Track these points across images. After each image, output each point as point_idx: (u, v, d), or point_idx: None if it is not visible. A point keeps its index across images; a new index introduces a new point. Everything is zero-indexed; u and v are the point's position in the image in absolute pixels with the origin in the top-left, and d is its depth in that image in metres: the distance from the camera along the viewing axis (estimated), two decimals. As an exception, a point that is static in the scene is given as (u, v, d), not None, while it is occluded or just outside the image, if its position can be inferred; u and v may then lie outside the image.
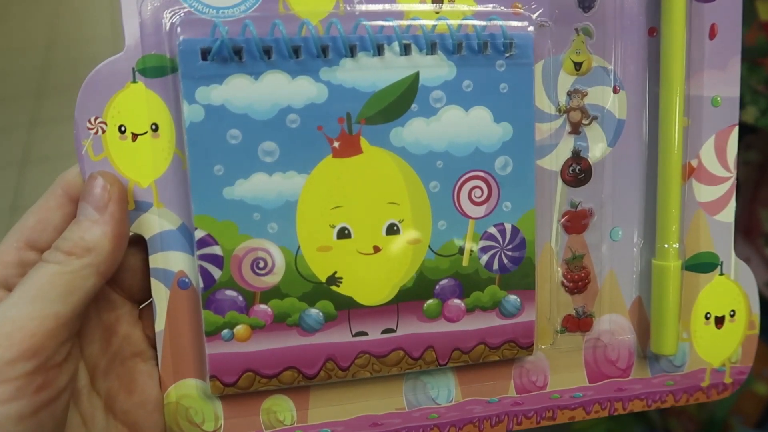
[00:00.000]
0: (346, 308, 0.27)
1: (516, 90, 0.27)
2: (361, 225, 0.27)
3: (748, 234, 0.63)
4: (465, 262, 0.28)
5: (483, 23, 0.27)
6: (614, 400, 0.32)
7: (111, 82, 0.25)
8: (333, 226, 0.27)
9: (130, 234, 0.26)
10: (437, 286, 0.28)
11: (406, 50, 0.26)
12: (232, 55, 0.25)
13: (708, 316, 0.32)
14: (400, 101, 0.27)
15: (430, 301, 0.28)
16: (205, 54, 0.25)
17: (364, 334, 0.28)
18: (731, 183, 0.31)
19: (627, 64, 0.29)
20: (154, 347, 0.27)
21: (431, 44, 0.27)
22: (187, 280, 0.26)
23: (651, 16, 0.29)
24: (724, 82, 0.30)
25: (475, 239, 0.28)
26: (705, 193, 0.31)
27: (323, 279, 0.27)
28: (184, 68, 0.25)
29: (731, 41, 0.30)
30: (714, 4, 0.30)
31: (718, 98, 0.30)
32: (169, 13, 0.25)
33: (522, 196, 0.28)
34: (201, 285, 0.26)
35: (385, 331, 0.28)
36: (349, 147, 0.26)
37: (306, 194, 0.26)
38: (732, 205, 0.31)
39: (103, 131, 0.25)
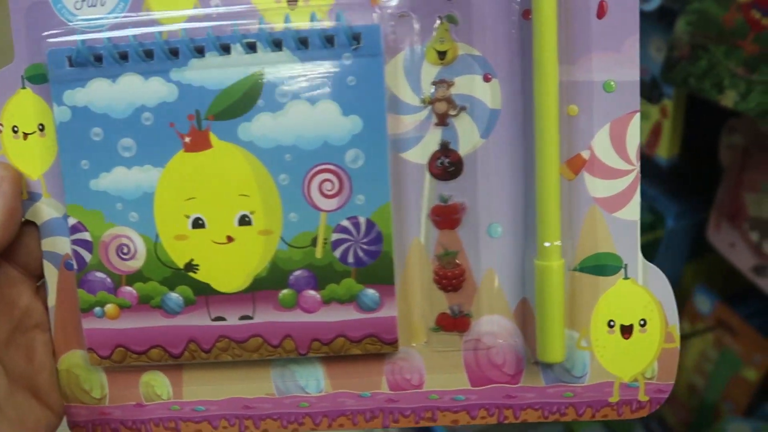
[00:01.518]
0: (204, 294, 0.26)
1: (365, 83, 0.24)
2: (213, 216, 0.25)
3: (733, 219, 0.57)
4: (319, 255, 0.25)
5: (327, 22, 0.24)
6: (503, 407, 0.27)
7: (5, 89, 0.26)
8: (188, 216, 0.25)
9: (27, 219, 0.26)
10: (291, 277, 0.25)
11: (251, 48, 0.24)
12: (91, 60, 0.25)
13: (612, 324, 0.26)
14: (246, 97, 0.25)
15: (284, 291, 0.25)
16: (71, 60, 0.25)
17: (223, 319, 0.26)
18: (634, 176, 0.25)
19: (499, 51, 0.25)
20: None
21: (276, 41, 0.24)
22: (71, 262, 0.26)
23: (523, -2, 0.24)
24: (619, 65, 0.24)
25: (327, 232, 0.25)
26: (600, 187, 0.25)
27: (181, 265, 0.26)
28: (52, 74, 0.25)
29: (626, 19, 0.24)
30: (602, -22, 0.24)
31: (612, 83, 0.24)
32: (47, 26, 0.25)
33: (376, 189, 0.25)
34: (75, 267, 0.26)
35: (242, 318, 0.26)
36: (199, 142, 0.25)
37: (162, 186, 0.25)
38: (636, 200, 0.25)
39: (1, 131, 0.26)
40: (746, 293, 0.61)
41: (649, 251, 0.62)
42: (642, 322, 0.26)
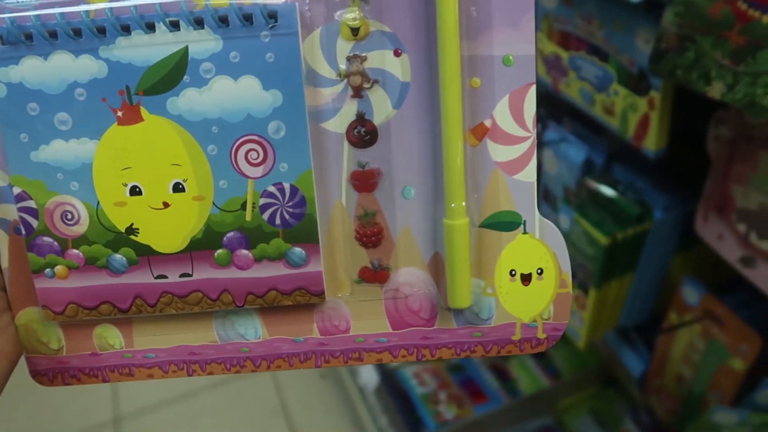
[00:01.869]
0: (146, 255, 0.28)
1: (282, 59, 0.25)
2: (149, 184, 0.27)
3: (721, 210, 0.56)
4: (248, 217, 0.27)
5: (244, 1, 0.25)
6: (421, 347, 0.29)
7: (-58, 66, 0.26)
8: (125, 185, 0.27)
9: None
10: (224, 238, 0.27)
11: (174, 27, 0.25)
12: (22, 39, 0.25)
13: (513, 272, 0.28)
14: (172, 74, 0.26)
15: (219, 251, 0.27)
16: (1, 39, 0.25)
17: (165, 277, 0.28)
18: (531, 142, 0.27)
19: (408, 28, 0.26)
20: None
21: (197, 20, 0.25)
22: (20, 227, 0.28)
23: (428, -23, 0.25)
24: (517, 40, 0.26)
25: (255, 197, 0.27)
26: (501, 152, 0.27)
27: (122, 229, 0.27)
28: (-15, 52, 0.25)
29: (523, -3, 0.25)
30: (501, -42, 0.25)
31: (510, 57, 0.26)
32: (-22, 5, 0.26)
33: (298, 157, 0.26)
34: (24, 232, 0.27)
35: (182, 275, 0.28)
36: (131, 116, 0.26)
37: (99, 157, 0.26)
38: (533, 164, 0.27)
39: (-59, 107, 0.27)
40: (734, 284, 0.60)
41: (637, 243, 0.62)
42: (539, 271, 0.29)
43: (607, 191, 0.65)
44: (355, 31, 0.27)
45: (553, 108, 0.74)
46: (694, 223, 0.58)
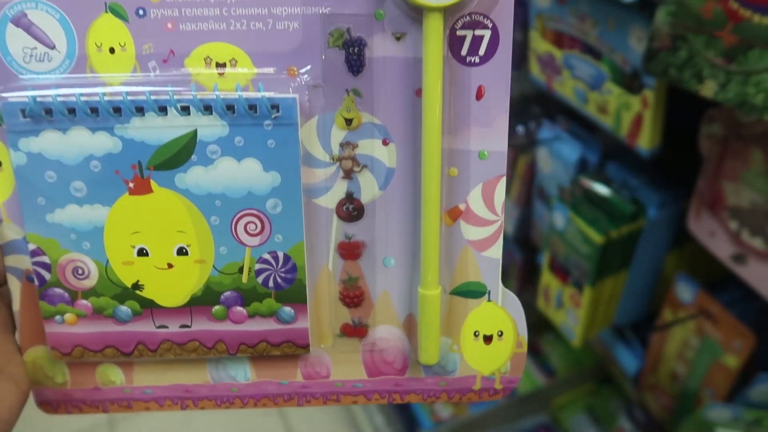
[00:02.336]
0: (149, 307, 0.31)
1: (282, 145, 0.29)
2: (156, 247, 0.30)
3: (713, 207, 0.57)
4: (244, 280, 0.30)
5: (251, 93, 0.28)
6: (392, 392, 0.34)
7: (-36, 130, 0.29)
8: (133, 247, 0.30)
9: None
10: (222, 296, 0.31)
11: (185, 111, 0.28)
12: (43, 114, 0.28)
13: (477, 333, 0.32)
14: (181, 153, 0.29)
15: (216, 307, 0.31)
16: (23, 113, 0.28)
17: (165, 327, 0.31)
18: (498, 225, 0.31)
19: (396, 121, 0.29)
20: None
21: (206, 106, 0.28)
22: (31, 276, 0.31)
23: (417, 80, 0.29)
24: (492, 138, 0.30)
25: (252, 262, 0.30)
26: (473, 232, 0.31)
27: (129, 285, 0.30)
28: (8, 124, 0.28)
29: (498, 101, 0.29)
30: (482, 67, 0.28)
31: (485, 152, 0.30)
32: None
33: (292, 230, 0.30)
34: (36, 283, 0.30)
35: (182, 326, 0.31)
36: (141, 187, 0.29)
37: (110, 222, 0.29)
38: (499, 243, 0.31)
39: (-38, 166, 0.29)
40: (727, 281, 0.60)
41: (631, 241, 0.64)
42: (500, 333, 0.33)
43: (602, 189, 0.66)
44: (348, 121, 0.30)
45: (547, 107, 0.75)
46: (687, 221, 0.58)
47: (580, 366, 0.88)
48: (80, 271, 0.31)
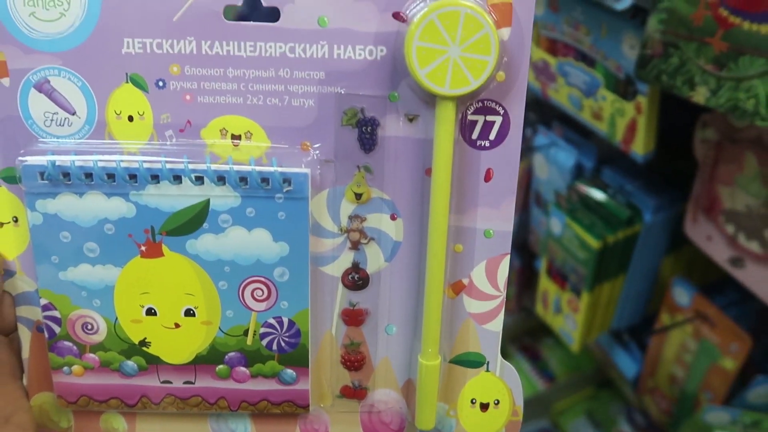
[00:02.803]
0: (155, 363, 0.32)
1: (293, 218, 0.30)
2: (164, 307, 0.31)
3: (709, 212, 0.57)
4: (249, 342, 0.31)
5: (264, 167, 0.29)
6: (388, 451, 0.35)
7: (-17, 186, 0.30)
8: (142, 306, 0.31)
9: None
10: (226, 357, 0.32)
11: (199, 181, 0.29)
12: (60, 177, 0.29)
13: (474, 401, 0.33)
14: (193, 220, 0.29)
15: (220, 366, 0.32)
16: (42, 175, 0.29)
17: (170, 382, 0.32)
18: (500, 300, 0.32)
19: (404, 197, 0.30)
20: None
21: (220, 177, 0.29)
22: (42, 327, 0.32)
23: (427, 159, 0.29)
24: (498, 218, 0.30)
25: (257, 326, 0.31)
26: (475, 306, 0.32)
27: (136, 342, 0.31)
28: (26, 186, 0.29)
29: (506, 183, 0.30)
30: (491, 151, 0.29)
31: (491, 231, 0.30)
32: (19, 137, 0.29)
33: (297, 297, 0.31)
34: (47, 335, 0.31)
35: (186, 383, 0.32)
36: (153, 251, 0.30)
37: (121, 282, 0.30)
38: (500, 317, 0.32)
39: (-21, 221, 0.30)
40: (723, 284, 0.61)
41: (628, 245, 0.65)
42: (496, 402, 0.34)
43: (598, 195, 0.67)
44: (358, 195, 0.31)
45: (542, 113, 0.75)
46: (683, 225, 0.59)
47: (579, 371, 0.88)
48: (89, 327, 0.32)
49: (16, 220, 0.31)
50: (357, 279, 0.32)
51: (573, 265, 0.68)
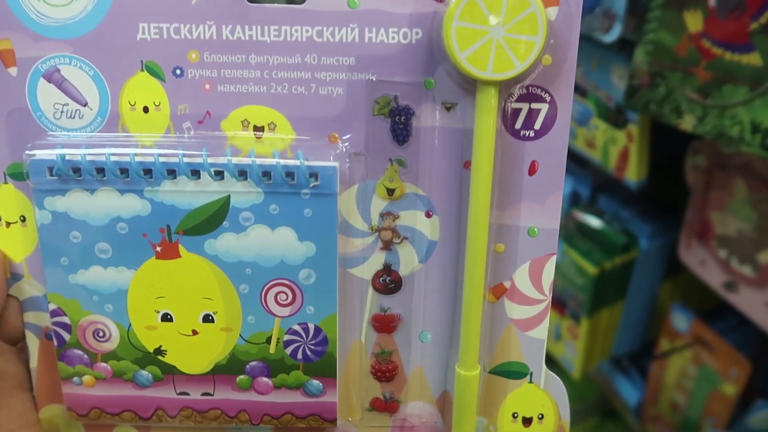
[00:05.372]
0: (171, 373, 0.31)
1: (319, 215, 0.28)
2: (180, 312, 0.30)
3: (702, 237, 0.61)
4: (272, 350, 0.30)
5: (289, 160, 0.28)
6: (421, 469, 0.33)
7: (-12, 184, 0.29)
8: (157, 312, 0.30)
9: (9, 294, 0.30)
10: (247, 366, 0.31)
11: (219, 176, 0.28)
12: (70, 173, 0.28)
13: (515, 415, 0.32)
14: (212, 218, 0.28)
15: (241, 377, 0.31)
16: (51, 171, 0.28)
17: (187, 394, 0.31)
18: (546, 304, 0.30)
19: (440, 193, 0.29)
20: None
21: (242, 172, 0.28)
22: (50, 334, 0.31)
23: (466, 152, 0.28)
24: (543, 215, 0.29)
25: (280, 333, 0.30)
26: (517, 311, 0.30)
27: (151, 350, 0.30)
28: (34, 182, 0.28)
29: (553, 177, 0.29)
30: (537, 142, 0.28)
31: (535, 229, 0.29)
32: (27, 129, 0.28)
33: (324, 302, 0.30)
34: (56, 343, 0.30)
35: (204, 394, 0.31)
36: (169, 252, 0.29)
37: (135, 285, 0.29)
38: (545, 323, 0.31)
39: (-15, 221, 0.30)
40: (722, 309, 0.64)
41: (625, 272, 0.67)
42: (540, 416, 0.33)
43: (594, 221, 0.71)
44: (390, 191, 0.29)
45: None
46: (678, 251, 0.63)
47: (583, 400, 0.89)
48: (101, 334, 0.31)
49: (23, 220, 0.30)
50: (389, 282, 0.31)
51: (571, 292, 0.71)
